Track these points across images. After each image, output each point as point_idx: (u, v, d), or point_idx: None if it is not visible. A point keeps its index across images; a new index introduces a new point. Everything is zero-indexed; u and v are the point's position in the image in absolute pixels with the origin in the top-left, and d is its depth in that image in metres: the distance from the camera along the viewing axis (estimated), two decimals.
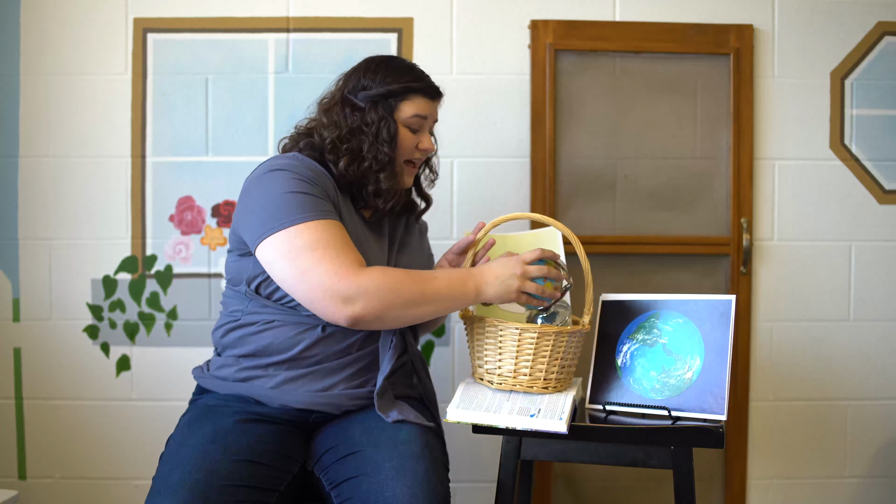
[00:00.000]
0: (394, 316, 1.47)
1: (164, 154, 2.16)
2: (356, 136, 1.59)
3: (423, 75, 1.65)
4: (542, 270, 1.51)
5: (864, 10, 2.19)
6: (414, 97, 1.62)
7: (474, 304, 1.52)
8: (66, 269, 2.16)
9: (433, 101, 1.65)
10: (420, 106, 1.62)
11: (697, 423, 1.48)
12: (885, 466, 2.25)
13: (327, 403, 1.56)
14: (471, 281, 1.51)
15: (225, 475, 1.38)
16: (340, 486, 1.44)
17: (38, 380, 2.18)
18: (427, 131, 1.66)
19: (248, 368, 1.59)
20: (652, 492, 2.23)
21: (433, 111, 1.66)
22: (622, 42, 2.16)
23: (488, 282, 1.51)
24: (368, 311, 1.44)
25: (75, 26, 2.14)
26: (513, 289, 1.50)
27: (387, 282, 1.45)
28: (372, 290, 1.44)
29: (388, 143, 1.59)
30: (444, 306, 1.50)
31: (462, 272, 1.53)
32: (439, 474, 1.45)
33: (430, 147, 1.66)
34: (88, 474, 2.19)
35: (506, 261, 1.53)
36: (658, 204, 2.20)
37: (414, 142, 1.64)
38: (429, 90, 1.63)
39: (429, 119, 1.65)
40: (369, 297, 1.44)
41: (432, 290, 1.48)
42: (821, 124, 2.21)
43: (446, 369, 2.20)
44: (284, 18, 2.15)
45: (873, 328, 2.23)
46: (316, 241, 1.45)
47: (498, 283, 1.51)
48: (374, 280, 1.44)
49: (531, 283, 1.51)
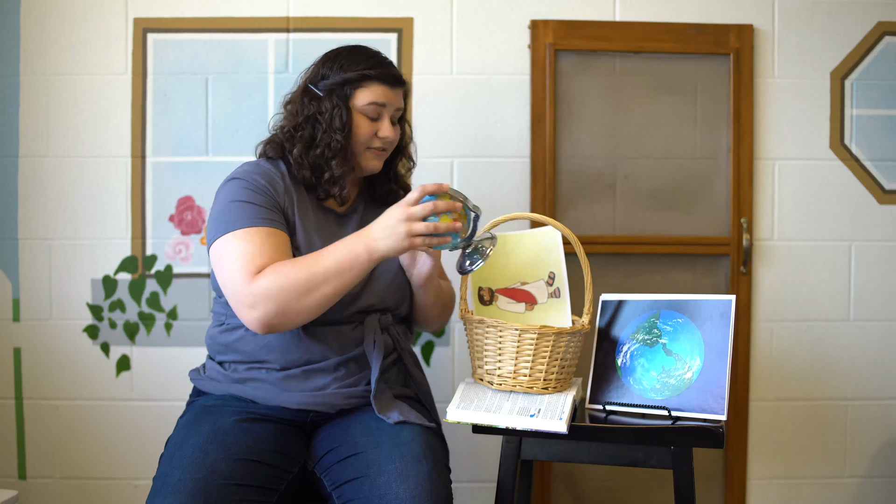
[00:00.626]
0: (296, 309, 1.44)
1: (164, 154, 2.16)
2: (310, 123, 1.60)
3: (382, 62, 1.62)
4: (426, 208, 1.41)
5: (864, 10, 2.19)
6: (370, 84, 1.60)
7: (372, 265, 1.46)
8: (66, 269, 2.16)
9: (393, 88, 1.62)
10: (377, 93, 1.60)
11: (697, 423, 1.49)
12: (885, 466, 2.25)
13: (322, 403, 1.55)
14: (359, 244, 1.45)
15: (225, 474, 1.38)
16: (342, 487, 1.44)
17: (38, 380, 2.18)
18: (387, 119, 1.62)
19: (240, 371, 1.59)
20: (652, 492, 2.23)
21: (393, 99, 1.62)
22: (622, 42, 2.16)
23: (377, 237, 1.44)
24: (269, 313, 1.44)
25: (75, 26, 2.14)
26: (402, 235, 1.42)
27: (275, 279, 1.43)
28: (264, 292, 1.43)
29: (340, 130, 1.58)
30: (343, 280, 1.45)
31: (349, 238, 1.47)
32: (442, 476, 1.44)
33: (390, 135, 1.62)
34: (88, 474, 2.19)
35: (390, 209, 1.45)
36: (658, 204, 2.20)
37: (372, 129, 1.61)
38: (386, 77, 1.61)
39: (388, 107, 1.62)
40: (265, 300, 1.44)
41: (322, 269, 1.44)
42: (821, 124, 2.21)
43: (446, 369, 2.20)
44: (284, 18, 2.15)
45: (873, 328, 2.23)
46: (238, 251, 1.48)
47: (386, 234, 1.43)
48: (265, 282, 1.43)
49: (420, 224, 1.41)
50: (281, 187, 1.59)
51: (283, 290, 1.43)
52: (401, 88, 1.65)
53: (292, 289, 1.44)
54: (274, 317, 1.44)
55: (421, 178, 2.14)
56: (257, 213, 1.52)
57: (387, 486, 1.38)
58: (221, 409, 1.55)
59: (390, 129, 1.62)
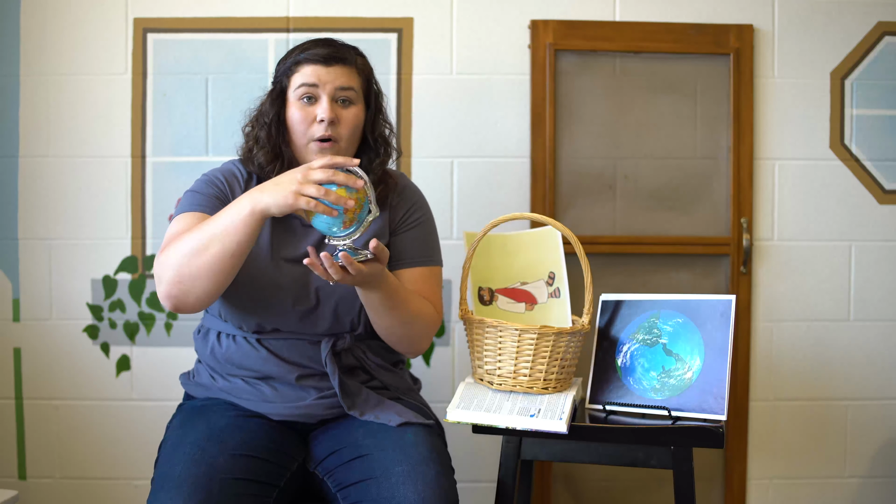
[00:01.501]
0: (189, 274, 1.36)
1: (164, 154, 2.16)
2: (253, 122, 1.59)
3: (316, 44, 1.54)
4: (326, 173, 1.30)
5: (864, 10, 2.19)
6: (301, 67, 1.53)
7: (255, 218, 1.34)
8: (66, 269, 2.16)
9: (326, 66, 1.51)
10: (306, 74, 1.51)
11: (697, 423, 1.49)
12: (885, 466, 2.25)
13: (303, 414, 1.54)
14: (245, 197, 1.35)
15: (224, 469, 1.37)
16: (348, 489, 1.44)
17: (38, 380, 2.18)
18: (325, 99, 1.51)
19: (223, 377, 1.59)
20: (652, 492, 2.23)
21: (328, 77, 1.50)
22: (622, 42, 2.16)
23: (264, 189, 1.34)
24: (169, 282, 1.38)
25: (75, 26, 2.14)
26: (290, 190, 1.30)
27: (173, 247, 1.39)
28: (163, 260, 1.39)
29: (266, 125, 1.54)
30: (230, 238, 1.34)
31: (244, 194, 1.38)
32: (448, 478, 1.44)
33: (328, 115, 1.49)
34: (88, 474, 2.19)
35: (292, 169, 1.36)
36: (658, 204, 2.20)
37: (310, 115, 1.51)
38: (315, 57, 1.51)
39: (323, 86, 1.51)
40: (165, 269, 1.39)
41: (210, 228, 1.36)
42: (821, 124, 2.21)
43: (446, 369, 2.20)
44: (284, 18, 2.15)
45: (873, 328, 2.23)
46: (171, 233, 1.48)
47: (273, 186, 1.33)
48: (167, 252, 1.40)
49: (313, 186, 1.30)
50: (238, 186, 1.58)
51: (177, 254, 1.38)
52: (340, 66, 1.52)
53: (184, 252, 1.37)
54: (173, 285, 1.38)
55: (421, 178, 2.14)
56: (202, 202, 1.53)
57: (394, 488, 1.37)
58: (213, 408, 1.55)
59: (328, 108, 1.50)
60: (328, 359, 1.53)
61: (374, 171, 1.58)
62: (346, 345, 1.56)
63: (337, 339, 1.56)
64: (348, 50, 1.56)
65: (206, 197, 1.55)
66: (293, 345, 1.55)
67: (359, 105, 1.55)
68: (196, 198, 1.55)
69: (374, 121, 1.60)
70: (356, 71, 1.55)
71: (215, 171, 1.62)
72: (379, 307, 1.48)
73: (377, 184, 1.59)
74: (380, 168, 1.60)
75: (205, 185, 1.58)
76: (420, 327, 1.56)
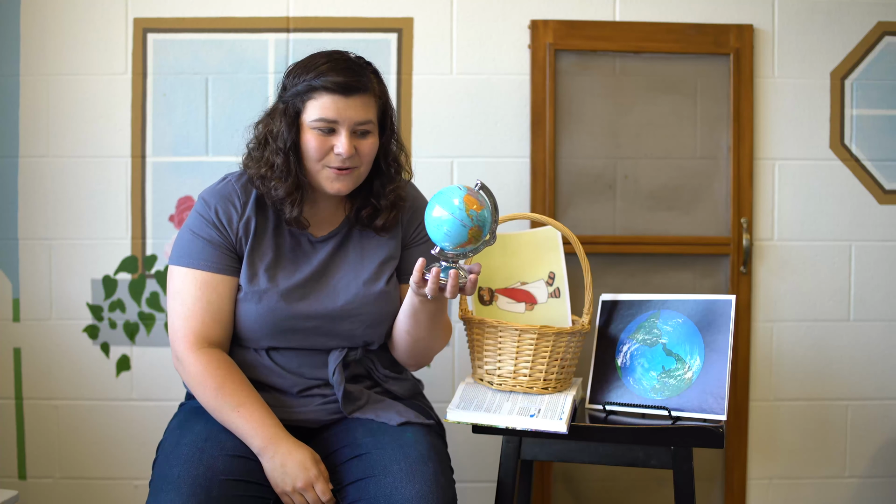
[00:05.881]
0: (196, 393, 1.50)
1: (164, 154, 2.16)
2: (262, 144, 1.51)
3: (333, 69, 1.44)
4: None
5: (864, 10, 2.19)
6: (318, 95, 1.44)
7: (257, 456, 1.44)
8: (66, 269, 2.16)
9: (346, 97, 1.43)
10: (325, 108, 1.43)
11: (697, 423, 1.49)
12: (885, 466, 2.25)
13: (305, 419, 1.54)
14: (259, 441, 1.42)
15: (224, 470, 1.38)
16: (347, 488, 1.44)
17: (38, 380, 2.18)
18: (344, 134, 1.44)
19: None
20: (652, 492, 2.23)
21: (348, 112, 1.43)
22: (622, 42, 2.16)
23: (274, 461, 1.42)
24: (182, 376, 1.52)
25: (75, 26, 2.14)
26: (286, 490, 1.41)
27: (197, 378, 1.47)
28: (184, 371, 1.50)
29: (282, 151, 1.46)
30: (234, 431, 1.45)
31: (270, 423, 1.44)
32: (447, 476, 1.44)
33: (346, 152, 1.44)
34: (88, 474, 2.19)
35: (306, 462, 1.42)
36: (658, 204, 2.20)
37: (326, 146, 1.45)
38: (332, 86, 1.42)
39: (342, 122, 1.44)
40: (185, 375, 1.50)
41: (228, 417, 1.45)
42: (821, 124, 2.21)
43: (446, 369, 2.20)
44: (284, 18, 2.15)
45: (873, 328, 2.23)
46: (177, 291, 1.51)
47: (281, 469, 1.41)
48: (192, 366, 1.48)
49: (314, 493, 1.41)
50: (237, 218, 1.51)
51: (198, 386, 1.48)
52: (359, 96, 1.45)
53: (203, 397, 1.48)
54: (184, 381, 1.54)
55: (421, 179, 2.13)
56: (204, 255, 1.50)
57: (393, 486, 1.38)
58: None
59: (347, 144, 1.44)
60: (337, 370, 1.53)
61: (386, 196, 1.55)
62: (356, 356, 1.57)
63: (349, 351, 1.56)
64: (364, 71, 1.48)
65: (205, 245, 1.50)
66: (302, 356, 1.55)
67: (375, 133, 1.51)
68: (195, 245, 1.50)
69: (388, 146, 1.55)
70: (374, 99, 1.49)
71: (212, 200, 1.52)
72: (427, 321, 1.51)
73: (390, 208, 1.56)
74: (393, 194, 1.56)
75: (203, 226, 1.51)
76: (443, 341, 1.62)
